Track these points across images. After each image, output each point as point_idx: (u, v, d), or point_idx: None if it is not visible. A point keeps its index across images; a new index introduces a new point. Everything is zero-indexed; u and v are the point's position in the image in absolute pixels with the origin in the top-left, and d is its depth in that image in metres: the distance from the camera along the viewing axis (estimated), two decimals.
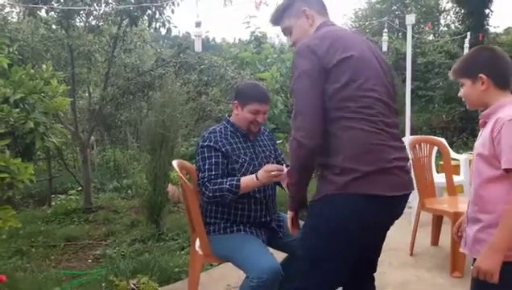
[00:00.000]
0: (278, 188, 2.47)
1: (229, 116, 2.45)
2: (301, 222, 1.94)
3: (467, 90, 1.78)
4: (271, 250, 2.30)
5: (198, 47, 3.50)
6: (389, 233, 1.96)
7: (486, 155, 1.66)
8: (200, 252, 2.37)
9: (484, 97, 1.75)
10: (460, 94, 1.81)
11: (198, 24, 3.46)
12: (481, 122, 1.79)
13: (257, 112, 2.32)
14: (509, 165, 1.56)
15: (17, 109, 2.46)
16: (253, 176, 2.19)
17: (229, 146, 2.30)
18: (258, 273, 2.02)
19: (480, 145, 1.72)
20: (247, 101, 2.32)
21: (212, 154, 2.26)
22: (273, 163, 2.42)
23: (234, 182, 2.19)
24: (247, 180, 2.20)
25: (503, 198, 1.59)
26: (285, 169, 2.18)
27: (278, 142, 2.68)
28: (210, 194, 2.19)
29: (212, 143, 2.28)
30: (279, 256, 2.33)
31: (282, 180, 2.25)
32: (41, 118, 2.61)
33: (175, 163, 2.53)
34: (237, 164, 2.28)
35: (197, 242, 2.42)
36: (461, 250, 1.81)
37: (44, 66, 2.73)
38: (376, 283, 2.04)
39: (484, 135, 1.70)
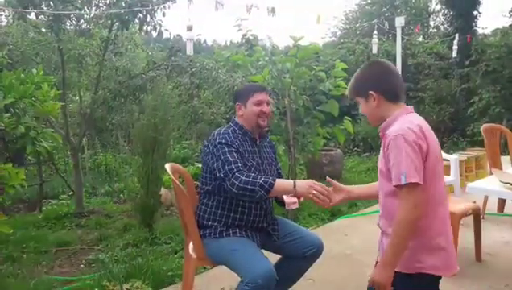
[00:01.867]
0: None
1: (225, 119, 2.46)
2: None
3: (363, 108, 1.84)
4: (265, 252, 2.30)
5: (190, 51, 3.51)
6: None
7: (383, 170, 1.72)
8: (194, 255, 2.37)
9: (379, 113, 1.79)
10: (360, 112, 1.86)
11: (190, 28, 3.47)
12: (380, 134, 1.82)
13: (260, 102, 2.33)
14: (396, 182, 1.59)
15: (7, 114, 2.45)
16: (291, 181, 2.12)
17: (242, 147, 2.29)
18: (252, 277, 2.02)
19: (379, 160, 1.78)
20: (247, 96, 2.35)
21: (232, 149, 2.22)
22: (275, 172, 2.43)
23: (269, 180, 2.08)
24: (283, 183, 2.13)
25: None
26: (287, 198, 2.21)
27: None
28: (241, 185, 2.07)
29: (229, 142, 2.24)
30: (273, 258, 2.34)
31: (288, 205, 2.26)
32: (32, 123, 2.60)
33: (167, 166, 2.53)
34: (245, 167, 2.24)
35: (191, 246, 2.41)
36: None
37: (35, 70, 2.71)
38: (365, 282, 2.06)
39: (381, 150, 1.75)
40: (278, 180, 2.11)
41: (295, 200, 2.24)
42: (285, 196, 2.27)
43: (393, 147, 1.62)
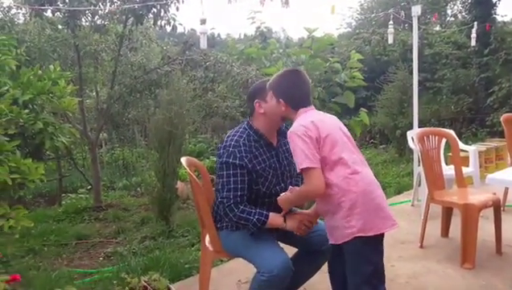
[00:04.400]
0: None
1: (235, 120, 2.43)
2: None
3: (270, 106, 2.15)
4: (282, 245, 2.30)
5: (203, 45, 3.50)
6: (399, 225, 1.98)
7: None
8: (211, 248, 2.38)
9: (286, 115, 2.13)
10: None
11: (203, 21, 3.46)
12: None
13: None
14: (298, 169, 1.93)
15: (26, 110, 2.48)
16: (282, 218, 2.17)
17: (255, 159, 2.18)
18: (269, 268, 2.03)
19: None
20: (265, 89, 2.17)
21: (238, 171, 2.13)
22: (293, 175, 2.33)
23: (262, 218, 2.12)
24: (275, 220, 2.16)
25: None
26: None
27: None
28: (234, 219, 2.13)
29: (237, 161, 2.13)
30: (290, 251, 2.34)
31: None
32: (50, 119, 2.64)
33: (183, 160, 2.54)
34: (261, 178, 2.19)
35: (207, 238, 2.43)
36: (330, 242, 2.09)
37: (52, 67, 2.75)
38: (386, 275, 2.05)
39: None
40: (270, 216, 2.15)
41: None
42: None
43: (290, 142, 1.97)
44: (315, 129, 1.94)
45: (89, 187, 5.95)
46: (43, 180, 2.39)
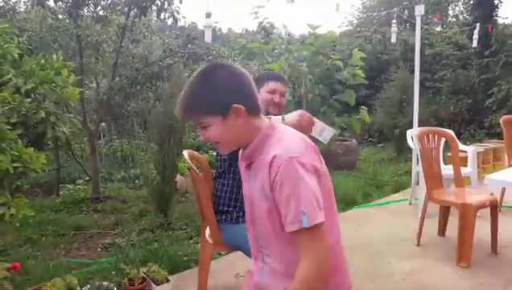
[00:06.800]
0: None
1: None
2: None
3: (216, 130, 1.29)
4: None
5: (208, 38, 3.49)
6: (396, 224, 1.98)
7: (271, 209, 1.26)
8: (210, 241, 2.39)
9: (243, 132, 1.30)
10: (202, 139, 1.34)
11: (208, 15, 3.44)
12: (245, 164, 1.38)
13: (273, 91, 2.33)
14: (296, 225, 1.17)
15: (28, 99, 2.48)
16: (280, 117, 2.07)
17: None
18: None
19: (257, 191, 1.30)
20: (263, 82, 2.35)
21: None
22: None
23: None
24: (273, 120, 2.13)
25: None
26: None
27: None
28: None
29: None
30: None
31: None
32: (52, 108, 2.64)
33: (185, 153, 2.55)
34: None
35: (207, 231, 2.44)
36: None
37: (55, 56, 2.74)
38: (383, 272, 2.07)
39: (260, 179, 1.28)
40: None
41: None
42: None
43: (285, 174, 1.18)
44: (315, 155, 1.30)
45: (87, 178, 5.94)
46: (44, 170, 2.39)
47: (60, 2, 4.68)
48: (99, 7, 4.89)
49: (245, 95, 1.30)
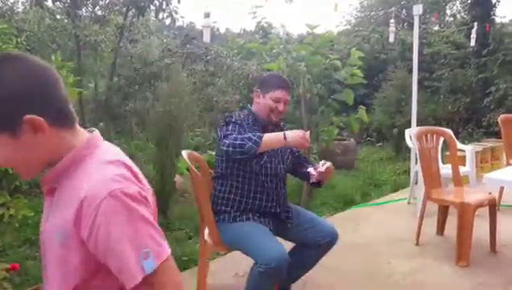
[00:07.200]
0: (288, 180, 2.49)
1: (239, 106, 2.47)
2: None
3: (6, 152, 0.94)
4: (280, 240, 2.32)
5: (207, 38, 3.48)
6: (395, 223, 1.99)
7: (72, 261, 0.96)
8: (209, 241, 2.39)
9: (50, 151, 0.97)
10: None
11: (207, 15, 3.44)
12: (45, 188, 1.04)
13: (279, 100, 2.34)
14: (137, 275, 0.90)
15: None
16: (281, 133, 2.17)
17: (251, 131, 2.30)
18: (266, 260, 2.05)
19: (53, 232, 0.98)
20: (270, 89, 2.35)
21: (236, 126, 2.25)
22: (289, 158, 2.46)
23: (257, 133, 2.18)
24: (272, 136, 2.18)
25: None
26: (312, 169, 2.25)
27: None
28: (231, 141, 2.11)
29: (233, 120, 2.28)
30: (287, 246, 2.36)
31: (311, 177, 2.30)
32: None
33: (184, 153, 2.56)
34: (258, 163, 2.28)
35: (206, 231, 2.44)
36: None
37: (53, 56, 2.74)
38: (383, 272, 2.08)
39: (61, 218, 0.96)
40: (267, 134, 2.17)
41: (314, 172, 2.31)
42: (309, 169, 2.34)
43: (109, 214, 0.90)
44: (139, 181, 1.03)
45: None
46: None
47: (58, 3, 4.68)
48: (97, 7, 4.90)
49: (46, 101, 0.93)
